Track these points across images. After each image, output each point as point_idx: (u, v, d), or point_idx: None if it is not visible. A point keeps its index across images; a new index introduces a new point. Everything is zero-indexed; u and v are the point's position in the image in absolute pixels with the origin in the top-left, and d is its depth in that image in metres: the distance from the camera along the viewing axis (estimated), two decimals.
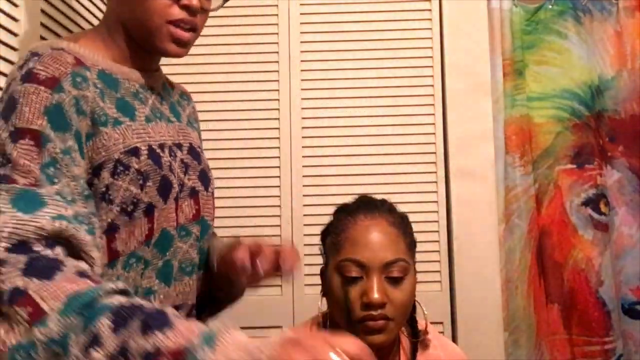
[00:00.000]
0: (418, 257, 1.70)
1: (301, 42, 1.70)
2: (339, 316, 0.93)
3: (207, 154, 1.74)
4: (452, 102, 1.67)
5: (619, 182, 1.70)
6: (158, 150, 0.81)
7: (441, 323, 1.60)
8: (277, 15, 1.71)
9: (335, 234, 0.96)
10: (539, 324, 1.64)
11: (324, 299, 0.99)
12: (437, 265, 1.64)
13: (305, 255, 1.62)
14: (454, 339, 1.59)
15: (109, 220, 0.74)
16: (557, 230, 1.67)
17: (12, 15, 1.05)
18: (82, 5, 1.36)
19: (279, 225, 1.65)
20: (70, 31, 1.28)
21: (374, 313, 0.88)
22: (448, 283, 1.64)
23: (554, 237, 1.66)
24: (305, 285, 1.62)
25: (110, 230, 0.74)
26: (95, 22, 1.43)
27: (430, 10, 1.71)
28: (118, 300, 0.58)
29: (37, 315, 0.55)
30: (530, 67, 1.73)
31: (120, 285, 0.61)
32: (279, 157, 1.67)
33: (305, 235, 1.64)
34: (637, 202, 1.69)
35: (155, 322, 0.55)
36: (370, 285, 0.89)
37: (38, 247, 0.60)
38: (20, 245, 0.60)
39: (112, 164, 0.74)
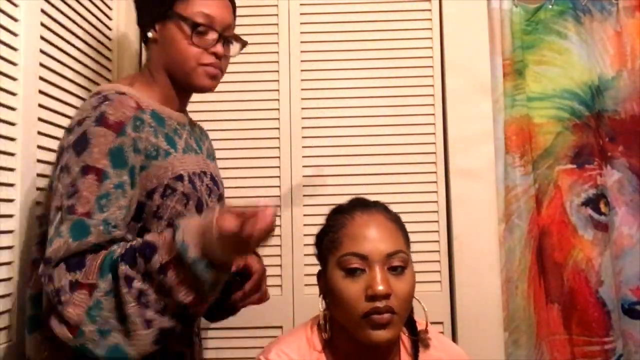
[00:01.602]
0: (418, 257, 1.69)
1: (301, 42, 1.70)
2: (342, 314, 0.92)
3: None
4: (452, 102, 1.67)
5: (619, 182, 1.70)
6: (194, 177, 1.02)
7: (441, 323, 1.60)
8: (277, 15, 1.71)
9: (332, 232, 0.96)
10: (539, 324, 1.63)
11: (323, 301, 0.98)
12: (437, 265, 1.63)
13: (305, 255, 1.62)
14: (454, 339, 1.59)
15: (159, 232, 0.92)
16: (557, 230, 1.67)
17: (12, 15, 1.05)
18: (82, 6, 1.36)
19: (279, 225, 1.65)
20: (70, 32, 1.28)
21: (379, 305, 0.88)
22: (448, 283, 1.63)
23: (554, 237, 1.66)
24: (305, 285, 1.62)
25: None
26: (95, 22, 1.44)
27: (430, 10, 1.71)
28: (120, 249, 0.86)
29: (93, 287, 0.82)
30: (530, 67, 1.73)
31: (118, 240, 0.88)
32: (279, 157, 1.67)
33: (305, 235, 1.63)
34: (637, 202, 1.69)
35: (147, 251, 0.84)
36: (374, 276, 0.89)
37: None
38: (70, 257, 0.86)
39: (162, 188, 0.95)
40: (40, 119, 1.13)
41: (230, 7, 1.12)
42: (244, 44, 1.14)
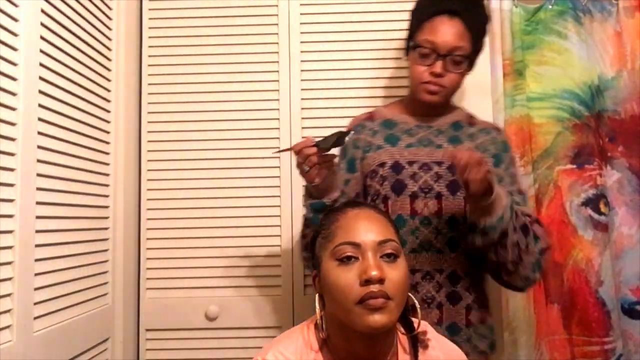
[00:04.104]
0: None
1: (301, 42, 1.70)
2: (338, 305, 0.92)
3: (206, 154, 1.74)
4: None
5: (618, 182, 1.70)
6: (404, 164, 1.30)
7: None
8: (277, 15, 1.71)
9: (325, 229, 0.98)
10: (539, 324, 1.64)
11: (319, 300, 0.99)
12: None
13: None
14: None
15: None
16: (557, 231, 1.67)
17: (12, 15, 1.05)
18: (82, 6, 1.36)
19: (279, 226, 1.65)
20: (70, 32, 1.29)
21: (373, 289, 0.88)
22: None
23: (554, 237, 1.66)
24: (305, 285, 1.63)
25: None
26: (95, 22, 1.44)
27: None
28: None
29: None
30: (530, 67, 1.73)
31: None
32: (279, 157, 1.67)
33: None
34: (637, 202, 1.69)
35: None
36: (367, 263, 0.90)
37: None
38: None
39: (371, 172, 1.31)
40: (40, 119, 1.14)
41: (458, 32, 1.28)
42: (470, 64, 1.34)
